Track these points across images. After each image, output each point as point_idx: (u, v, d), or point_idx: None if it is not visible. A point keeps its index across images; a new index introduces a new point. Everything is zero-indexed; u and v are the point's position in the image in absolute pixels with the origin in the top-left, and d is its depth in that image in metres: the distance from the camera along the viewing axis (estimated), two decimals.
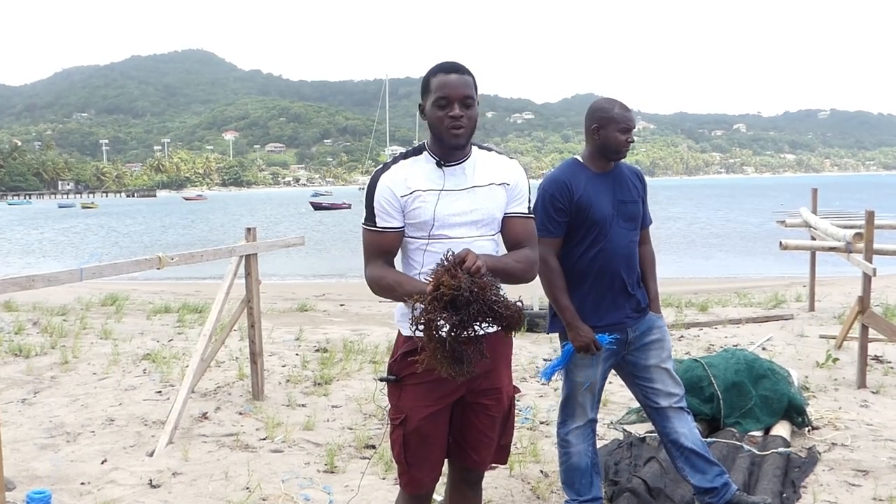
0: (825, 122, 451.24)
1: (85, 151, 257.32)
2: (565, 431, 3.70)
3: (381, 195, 2.62)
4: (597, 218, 3.50)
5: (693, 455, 3.64)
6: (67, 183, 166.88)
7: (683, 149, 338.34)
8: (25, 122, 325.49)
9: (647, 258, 3.73)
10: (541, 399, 5.96)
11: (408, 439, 2.64)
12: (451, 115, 2.54)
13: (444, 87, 2.55)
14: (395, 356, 2.68)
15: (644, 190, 3.72)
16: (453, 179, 2.62)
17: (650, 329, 3.65)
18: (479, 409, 2.70)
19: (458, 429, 2.72)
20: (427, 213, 2.58)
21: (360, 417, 5.56)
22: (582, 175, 3.56)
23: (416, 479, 2.68)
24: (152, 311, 11.19)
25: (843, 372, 6.59)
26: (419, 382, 2.61)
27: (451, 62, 2.61)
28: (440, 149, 2.63)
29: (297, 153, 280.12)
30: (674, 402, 3.65)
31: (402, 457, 2.66)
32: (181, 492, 4.22)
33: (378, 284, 2.61)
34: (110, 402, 5.98)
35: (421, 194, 2.59)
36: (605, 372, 3.67)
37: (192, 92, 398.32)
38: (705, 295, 12.58)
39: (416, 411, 2.62)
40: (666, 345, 3.69)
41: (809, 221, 9.16)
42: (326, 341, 8.46)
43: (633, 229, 3.63)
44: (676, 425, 3.65)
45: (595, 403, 3.70)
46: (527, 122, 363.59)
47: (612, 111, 3.52)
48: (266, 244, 6.34)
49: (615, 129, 3.49)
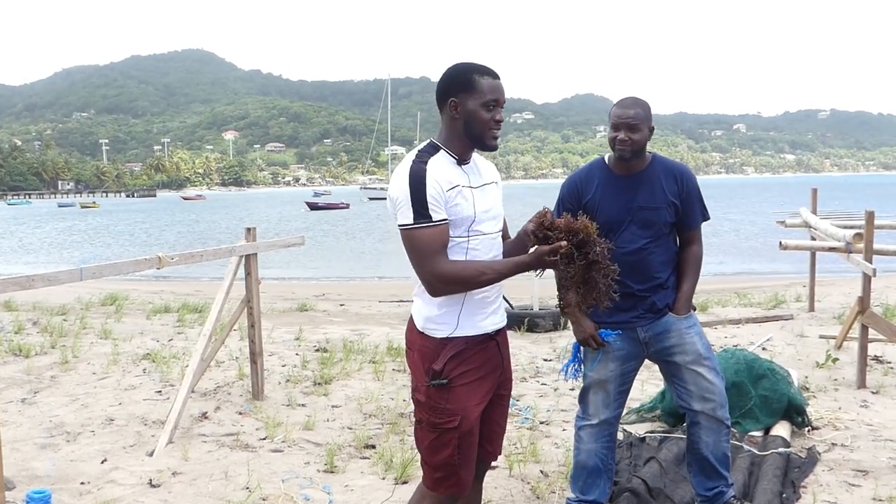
0: (825, 122, 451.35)
1: (85, 151, 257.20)
2: (578, 426, 3.68)
3: (432, 188, 2.53)
4: (602, 222, 3.38)
5: (705, 463, 3.60)
6: (67, 183, 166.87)
7: (683, 149, 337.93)
8: (25, 121, 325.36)
9: (688, 259, 3.58)
10: (540, 399, 5.96)
11: (462, 440, 2.64)
12: (496, 118, 2.63)
13: (496, 91, 2.62)
14: (443, 360, 2.62)
15: (685, 191, 3.52)
16: (473, 177, 2.69)
17: (667, 332, 3.51)
18: (496, 401, 2.80)
19: (482, 421, 2.76)
20: (469, 208, 2.60)
21: (360, 417, 5.56)
22: (599, 177, 3.52)
23: (463, 480, 2.69)
24: (152, 310, 11.18)
25: (842, 372, 6.59)
26: (469, 382, 2.65)
27: (491, 67, 2.66)
28: (460, 147, 2.65)
29: (297, 153, 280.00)
30: (708, 408, 3.51)
31: (454, 458, 2.65)
32: (181, 491, 4.22)
33: (460, 277, 2.55)
34: (110, 401, 5.98)
35: (462, 190, 2.61)
36: (623, 373, 3.57)
37: (192, 92, 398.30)
38: (705, 295, 12.56)
39: (469, 410, 2.65)
40: (689, 347, 3.50)
41: (809, 222, 9.16)
42: (326, 341, 8.46)
43: (650, 236, 3.48)
44: (703, 434, 3.56)
45: (610, 404, 3.59)
46: (527, 121, 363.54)
47: (611, 110, 3.48)
48: (266, 244, 6.34)
49: (610, 126, 3.47)
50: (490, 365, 2.71)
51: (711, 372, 3.52)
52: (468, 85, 2.60)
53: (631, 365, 3.59)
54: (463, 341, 2.64)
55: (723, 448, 3.59)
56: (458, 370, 2.63)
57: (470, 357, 2.65)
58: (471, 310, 2.64)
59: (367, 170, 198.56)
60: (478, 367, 2.66)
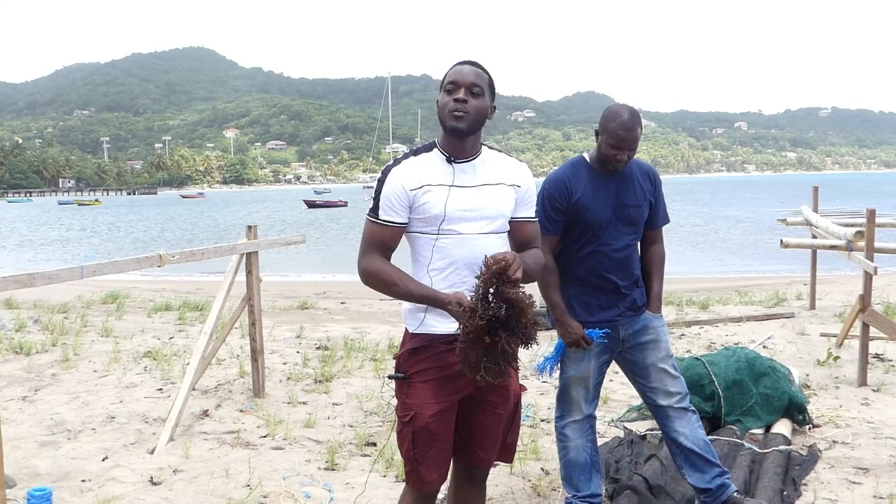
0: (826, 119, 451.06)
1: (86, 149, 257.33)
2: (562, 425, 3.73)
3: (389, 189, 2.62)
4: (592, 221, 3.49)
5: (692, 455, 3.62)
6: (69, 180, 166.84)
7: (685, 147, 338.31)
8: (26, 119, 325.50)
9: (654, 257, 3.69)
10: (541, 397, 5.96)
11: (416, 437, 2.64)
12: (455, 98, 2.57)
13: (456, 74, 2.61)
14: (403, 353, 2.69)
15: (656, 190, 3.65)
16: (463, 176, 2.64)
17: (645, 328, 3.62)
18: (486, 407, 2.71)
19: (465, 426, 2.73)
20: (437, 207, 2.59)
21: (361, 415, 5.56)
22: (584, 175, 3.54)
23: (423, 477, 2.68)
24: (153, 308, 11.19)
25: (843, 370, 6.59)
26: (428, 380, 2.63)
27: (473, 60, 2.65)
28: (450, 144, 2.65)
29: (299, 151, 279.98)
30: (674, 401, 3.62)
31: (411, 454, 2.66)
32: (182, 489, 4.22)
33: (377, 277, 2.61)
34: (111, 399, 5.98)
35: (431, 188, 2.60)
36: (599, 367, 3.66)
37: (193, 89, 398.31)
38: (706, 293, 12.57)
39: (425, 408, 2.62)
40: (662, 345, 3.64)
41: (810, 220, 9.15)
42: (327, 339, 8.46)
43: (633, 233, 3.59)
44: (676, 425, 3.63)
45: (591, 399, 3.68)
46: (528, 119, 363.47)
47: (610, 124, 3.40)
48: (267, 242, 6.34)
49: (606, 141, 3.42)
50: (457, 367, 2.59)
51: (673, 369, 3.67)
52: (442, 80, 2.66)
53: (605, 358, 3.68)
54: (427, 338, 2.63)
55: (699, 434, 3.65)
56: (417, 367, 2.64)
57: (433, 356, 2.63)
58: (433, 311, 2.62)
59: (369, 168, 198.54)
60: (440, 367, 2.61)
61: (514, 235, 2.75)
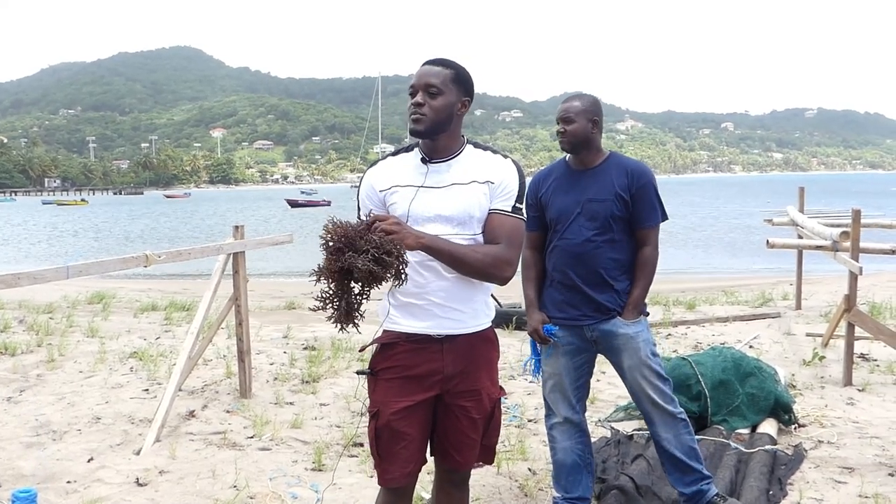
0: (812, 120, 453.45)
1: (72, 148, 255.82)
2: (549, 425, 3.75)
3: (363, 190, 2.70)
4: (553, 215, 3.59)
5: (673, 459, 3.62)
6: (54, 180, 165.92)
7: (671, 147, 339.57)
8: (12, 118, 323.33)
9: (639, 260, 3.55)
10: (528, 397, 5.96)
11: (379, 433, 2.64)
12: (412, 102, 2.60)
13: (414, 77, 2.63)
14: (371, 349, 2.72)
15: (635, 187, 3.51)
16: (436, 176, 2.62)
17: (614, 335, 3.52)
18: (458, 411, 2.67)
19: (441, 430, 2.71)
20: (402, 208, 2.59)
21: (348, 415, 5.55)
22: (557, 173, 3.67)
23: (387, 473, 2.67)
24: (139, 308, 11.14)
25: (829, 370, 6.62)
26: (392, 378, 2.63)
27: (438, 57, 2.66)
28: (425, 145, 2.66)
29: (286, 150, 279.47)
30: (654, 405, 3.56)
31: (375, 449, 2.67)
32: (168, 490, 4.20)
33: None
34: (97, 400, 5.95)
35: (399, 189, 2.62)
36: (574, 367, 3.62)
37: (180, 89, 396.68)
38: (692, 293, 12.62)
39: (387, 406, 2.62)
40: (634, 352, 3.51)
41: (796, 220, 9.20)
42: (314, 339, 8.44)
43: (597, 229, 3.49)
44: (660, 429, 3.61)
45: (568, 402, 3.64)
46: (515, 119, 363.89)
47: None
48: (254, 242, 6.32)
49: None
50: (424, 368, 2.60)
51: (654, 375, 3.55)
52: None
53: (582, 358, 3.65)
54: (394, 335, 2.63)
55: (685, 441, 3.61)
56: (384, 364, 2.65)
57: (398, 353, 2.62)
58: (398, 308, 2.63)
59: (356, 168, 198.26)
60: (405, 366, 2.60)
61: (484, 229, 2.63)
